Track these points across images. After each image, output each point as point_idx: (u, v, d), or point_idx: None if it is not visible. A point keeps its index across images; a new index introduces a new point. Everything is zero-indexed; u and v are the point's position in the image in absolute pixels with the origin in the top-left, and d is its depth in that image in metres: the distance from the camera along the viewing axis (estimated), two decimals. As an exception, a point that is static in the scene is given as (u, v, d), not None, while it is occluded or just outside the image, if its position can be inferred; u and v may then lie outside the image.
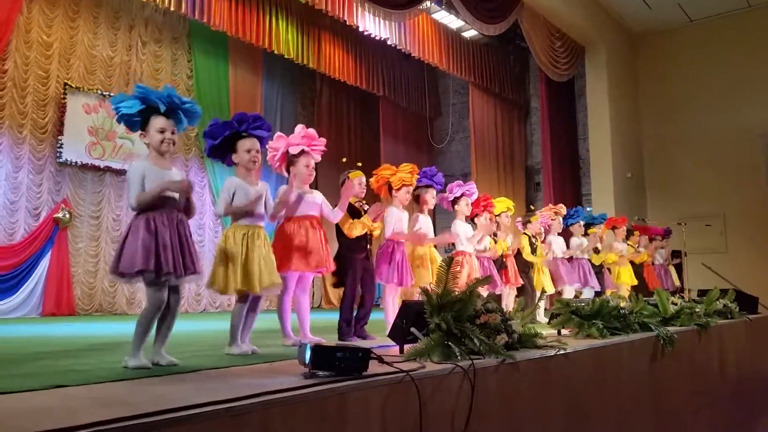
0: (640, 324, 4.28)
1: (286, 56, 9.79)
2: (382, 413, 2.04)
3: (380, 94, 11.91)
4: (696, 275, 9.96)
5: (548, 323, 4.11)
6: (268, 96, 12.05)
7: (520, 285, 6.37)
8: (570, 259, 7.14)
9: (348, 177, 4.59)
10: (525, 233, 6.84)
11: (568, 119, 11.87)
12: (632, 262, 8.11)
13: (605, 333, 3.85)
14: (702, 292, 6.57)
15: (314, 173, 4.10)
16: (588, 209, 11.01)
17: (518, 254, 6.65)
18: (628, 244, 8.12)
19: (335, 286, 4.50)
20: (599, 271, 7.40)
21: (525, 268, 6.62)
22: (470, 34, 11.14)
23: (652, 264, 8.78)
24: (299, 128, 4.10)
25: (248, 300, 3.39)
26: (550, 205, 7.54)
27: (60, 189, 9.03)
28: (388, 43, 9.67)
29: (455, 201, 5.69)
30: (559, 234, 7.22)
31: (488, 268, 5.82)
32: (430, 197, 5.20)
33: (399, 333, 2.80)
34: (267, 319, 5.20)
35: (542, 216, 7.14)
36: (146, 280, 2.64)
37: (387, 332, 3.30)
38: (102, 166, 9.52)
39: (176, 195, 2.85)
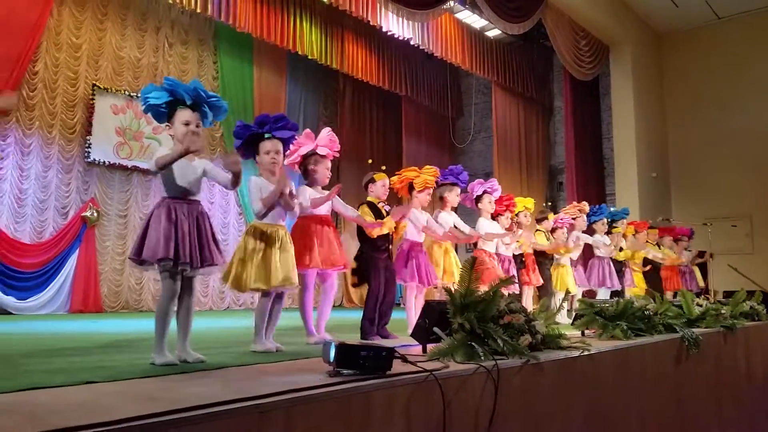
0: (664, 325, 4.25)
1: (309, 57, 9.85)
2: (406, 412, 2.05)
3: (403, 94, 11.92)
4: (722, 277, 9.80)
5: (572, 324, 4.09)
6: (292, 97, 12.13)
7: (539, 285, 6.36)
8: (590, 257, 7.16)
9: (373, 178, 4.68)
10: (539, 230, 6.86)
11: (592, 119, 11.75)
12: (651, 262, 8.06)
13: (629, 334, 3.83)
14: (728, 294, 6.48)
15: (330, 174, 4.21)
16: (612, 209, 10.89)
17: (537, 253, 6.63)
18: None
19: (354, 285, 4.59)
20: (620, 269, 7.32)
21: (543, 267, 6.61)
22: (494, 33, 11.09)
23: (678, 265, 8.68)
24: (326, 131, 4.22)
25: (271, 297, 3.42)
26: (574, 203, 7.51)
27: (88, 188, 9.19)
28: (411, 43, 9.69)
29: (478, 199, 5.77)
30: (583, 231, 7.15)
31: (509, 268, 5.79)
32: (455, 195, 5.29)
33: (422, 333, 2.81)
34: (291, 317, 5.25)
35: (566, 213, 7.15)
36: (164, 269, 2.71)
37: (409, 332, 3.35)
38: (129, 166, 9.67)
39: (195, 187, 2.92)
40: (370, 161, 5.74)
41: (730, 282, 8.91)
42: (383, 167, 5.02)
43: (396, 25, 9.14)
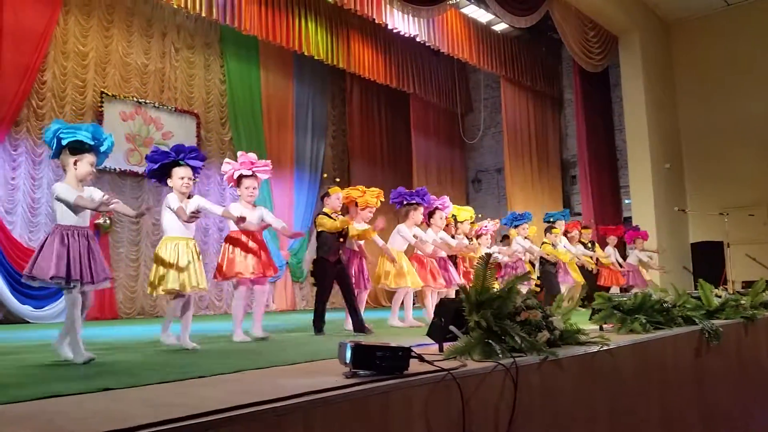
0: (683, 318, 4.18)
1: (316, 57, 9.83)
2: (425, 412, 2.03)
3: (410, 92, 11.87)
4: (740, 267, 9.68)
5: (589, 319, 4.05)
6: (299, 97, 12.14)
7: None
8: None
9: (328, 192, 5.39)
10: (545, 241, 8.08)
11: (603, 110, 11.66)
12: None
13: (648, 327, 3.78)
14: (747, 284, 6.40)
15: (256, 194, 4.75)
16: (626, 201, 10.83)
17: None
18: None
19: (313, 284, 5.33)
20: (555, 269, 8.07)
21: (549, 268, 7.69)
22: (501, 27, 11.03)
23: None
24: (241, 155, 4.86)
25: (183, 299, 3.96)
26: (489, 219, 8.24)
27: (100, 195, 9.23)
28: (418, 40, 9.64)
29: (431, 214, 6.52)
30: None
31: (446, 266, 6.50)
32: (419, 214, 6.12)
33: (438, 331, 2.78)
34: (305, 319, 5.23)
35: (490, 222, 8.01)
36: (59, 285, 3.17)
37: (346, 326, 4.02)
38: (140, 172, 9.69)
39: (85, 219, 3.42)
40: (325, 176, 6.85)
41: (748, 272, 8.80)
42: (337, 179, 6.37)
43: (401, 22, 9.10)
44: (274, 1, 9.01)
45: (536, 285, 7.81)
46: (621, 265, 9.28)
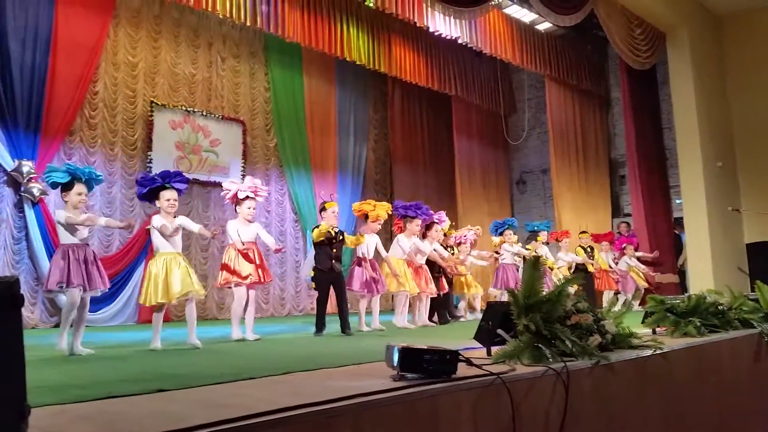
0: (740, 321, 4.05)
1: (357, 62, 9.88)
2: (474, 416, 2.01)
3: (452, 94, 11.80)
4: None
5: (642, 322, 3.95)
6: (342, 102, 12.24)
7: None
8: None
9: (324, 207, 5.96)
10: (528, 248, 8.65)
11: (651, 109, 11.35)
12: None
13: (703, 331, 3.67)
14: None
15: (254, 213, 5.48)
16: (677, 201, 10.53)
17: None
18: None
19: (314, 288, 6.01)
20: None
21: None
22: (544, 26, 10.86)
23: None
24: (248, 179, 5.59)
25: (163, 310, 4.59)
26: (469, 226, 8.88)
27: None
28: (459, 41, 9.58)
29: (428, 227, 7.15)
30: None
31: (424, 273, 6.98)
32: (415, 225, 6.77)
33: (485, 335, 2.76)
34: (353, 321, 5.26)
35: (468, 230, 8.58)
36: (61, 290, 4.23)
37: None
38: (190, 179, 9.92)
39: (84, 236, 4.38)
40: (322, 192, 7.32)
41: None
42: (332, 195, 7.41)
43: (443, 24, 9.06)
44: (316, 9, 9.11)
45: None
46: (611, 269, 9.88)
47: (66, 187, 4.38)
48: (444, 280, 7.48)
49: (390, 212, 6.59)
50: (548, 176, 12.63)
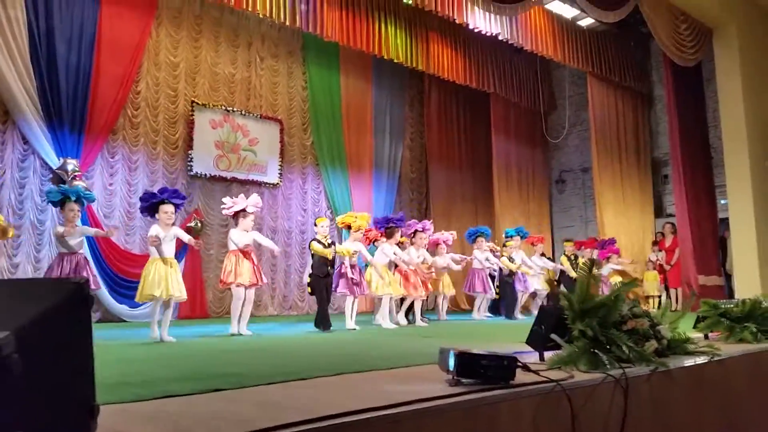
0: (798, 327, 3.89)
1: (395, 60, 9.85)
2: (534, 424, 1.97)
3: (491, 91, 11.66)
4: None
5: (694, 327, 3.84)
6: (378, 101, 12.22)
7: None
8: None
9: (316, 222, 7.00)
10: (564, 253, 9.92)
11: (696, 106, 11.04)
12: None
13: (759, 337, 3.55)
14: None
15: (252, 224, 6.32)
16: (723, 202, 10.25)
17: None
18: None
19: (310, 294, 6.99)
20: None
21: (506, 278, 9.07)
22: (586, 22, 10.66)
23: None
24: (254, 198, 6.43)
25: (167, 304, 5.35)
26: (443, 231, 9.23)
27: (192, 200, 9.63)
28: (500, 38, 9.46)
29: (414, 234, 7.83)
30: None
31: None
32: (398, 235, 7.49)
33: (538, 339, 2.70)
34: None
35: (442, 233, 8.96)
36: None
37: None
38: (228, 177, 10.07)
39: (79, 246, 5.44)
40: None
41: None
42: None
43: (483, 21, 8.96)
44: (354, 7, 9.11)
45: (496, 293, 9.16)
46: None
47: (59, 205, 5.54)
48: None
49: (370, 222, 7.49)
50: (589, 175, 12.39)
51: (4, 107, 8.06)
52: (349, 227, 7.02)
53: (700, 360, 2.84)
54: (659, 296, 10.77)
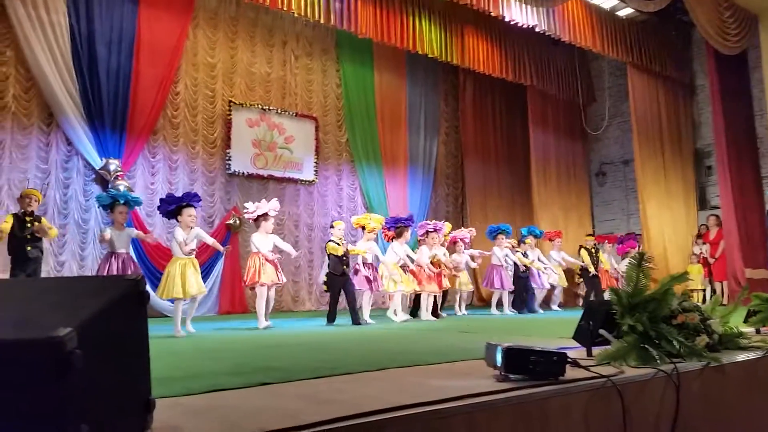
0: None
1: (429, 55, 9.79)
2: (585, 420, 1.94)
3: (528, 84, 11.48)
4: None
5: (745, 321, 3.73)
6: (412, 96, 12.19)
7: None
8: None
9: (332, 225, 7.31)
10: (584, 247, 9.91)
11: (741, 95, 10.69)
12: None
13: (814, 331, 3.43)
14: None
15: (272, 227, 6.73)
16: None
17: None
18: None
19: (325, 291, 7.29)
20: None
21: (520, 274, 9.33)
22: (625, 12, 10.44)
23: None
24: (274, 203, 6.81)
25: (181, 302, 5.53)
26: (462, 228, 9.66)
27: (230, 198, 9.78)
28: (537, 30, 9.32)
29: (426, 234, 8.12)
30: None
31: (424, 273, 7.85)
32: (408, 234, 7.79)
33: (586, 335, 2.66)
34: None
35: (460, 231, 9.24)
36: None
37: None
38: (265, 175, 10.19)
39: (126, 246, 5.90)
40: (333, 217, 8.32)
41: None
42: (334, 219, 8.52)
43: (519, 13, 8.85)
44: (388, 3, 9.09)
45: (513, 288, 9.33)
46: (613, 270, 10.33)
47: (108, 208, 5.97)
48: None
49: (383, 224, 7.73)
50: (630, 167, 12.12)
51: (48, 109, 8.30)
52: (363, 228, 7.38)
53: (753, 355, 2.76)
54: (703, 290, 10.51)
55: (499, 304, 9.26)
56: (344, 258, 6.90)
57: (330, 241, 7.09)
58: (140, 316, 1.45)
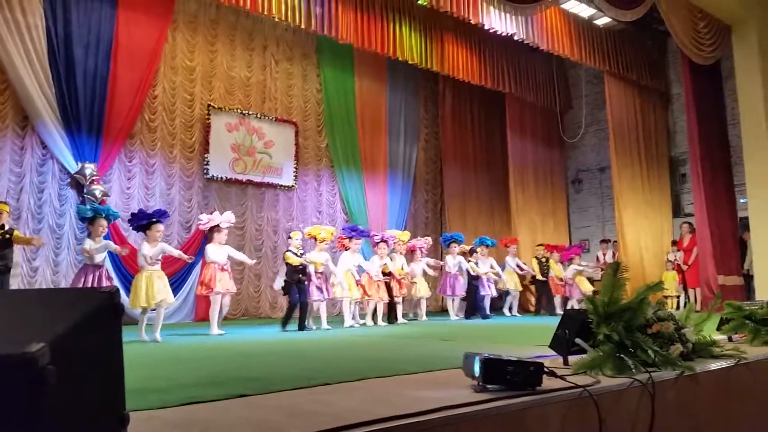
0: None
1: (410, 62, 9.83)
2: (562, 430, 1.95)
3: (506, 91, 11.59)
4: None
5: (717, 329, 3.79)
6: (392, 102, 12.22)
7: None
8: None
9: (290, 236, 7.68)
10: (470, 260, 9.84)
11: (714, 104, 10.88)
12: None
13: (786, 340, 3.50)
14: None
15: (225, 239, 7.06)
16: (742, 201, 10.14)
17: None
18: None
19: (283, 294, 7.68)
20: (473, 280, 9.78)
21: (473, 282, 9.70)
22: (603, 21, 10.58)
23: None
24: (228, 215, 7.21)
25: (147, 311, 6.07)
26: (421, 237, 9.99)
27: (208, 203, 9.69)
28: (515, 38, 9.41)
29: (376, 244, 8.57)
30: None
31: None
32: (357, 244, 8.11)
33: (562, 344, 2.68)
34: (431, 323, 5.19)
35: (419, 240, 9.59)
36: None
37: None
38: (244, 180, 10.12)
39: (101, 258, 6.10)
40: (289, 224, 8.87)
41: None
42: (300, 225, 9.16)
43: (498, 21, 8.92)
44: (369, 9, 9.10)
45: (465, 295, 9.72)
46: (561, 278, 10.86)
47: (89, 221, 6.20)
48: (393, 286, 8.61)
49: (334, 235, 8.21)
50: (606, 174, 12.29)
51: (23, 112, 8.16)
52: (315, 239, 7.74)
53: (726, 363, 2.81)
54: (678, 296, 10.67)
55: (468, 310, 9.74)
56: (300, 267, 7.30)
57: (288, 250, 7.48)
58: (115, 329, 1.43)
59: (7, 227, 6.42)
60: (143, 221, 6.25)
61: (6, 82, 8.00)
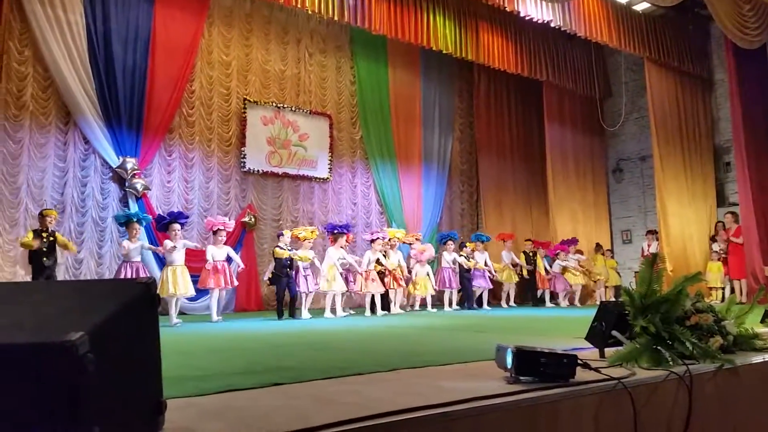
0: None
1: (444, 51, 9.76)
2: (595, 423, 1.93)
3: (543, 79, 11.40)
4: None
5: (761, 321, 3.69)
6: (426, 92, 12.16)
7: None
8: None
9: (282, 233, 8.30)
10: (461, 254, 10.32)
11: (760, 90, 10.53)
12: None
13: (833, 333, 3.37)
14: None
15: (224, 239, 7.89)
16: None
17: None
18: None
19: (269, 285, 8.52)
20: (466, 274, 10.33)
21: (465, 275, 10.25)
22: (642, 6, 10.32)
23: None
24: (228, 222, 8.06)
25: (174, 298, 7.04)
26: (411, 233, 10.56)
27: (245, 195, 9.84)
28: (552, 25, 9.25)
29: (372, 241, 8.98)
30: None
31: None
32: (343, 240, 8.53)
33: (598, 336, 2.65)
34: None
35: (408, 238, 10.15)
36: None
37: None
38: (280, 173, 10.23)
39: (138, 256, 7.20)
40: (284, 232, 8.68)
41: None
42: (279, 230, 9.26)
43: (534, 8, 8.80)
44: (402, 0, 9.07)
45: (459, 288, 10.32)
46: (547, 272, 11.26)
47: (125, 225, 7.40)
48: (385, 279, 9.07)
49: (317, 234, 8.81)
50: (647, 163, 11.98)
51: (66, 108, 8.40)
52: (298, 238, 8.29)
53: (769, 356, 2.73)
54: (722, 288, 10.38)
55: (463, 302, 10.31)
56: (287, 261, 7.97)
57: (277, 246, 8.20)
58: (152, 319, 1.47)
59: (50, 230, 6.91)
60: (163, 222, 7.52)
61: (49, 79, 8.26)
